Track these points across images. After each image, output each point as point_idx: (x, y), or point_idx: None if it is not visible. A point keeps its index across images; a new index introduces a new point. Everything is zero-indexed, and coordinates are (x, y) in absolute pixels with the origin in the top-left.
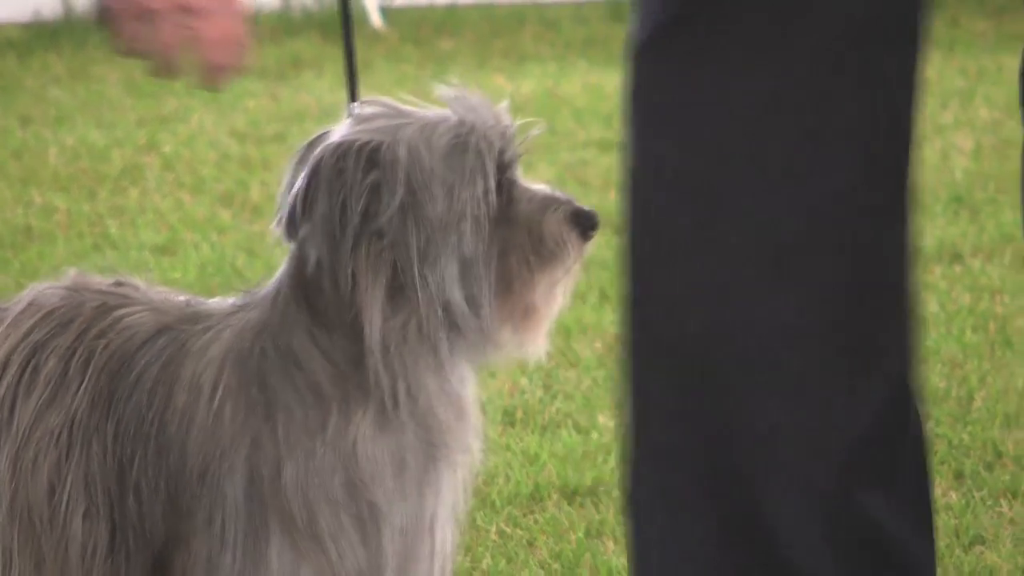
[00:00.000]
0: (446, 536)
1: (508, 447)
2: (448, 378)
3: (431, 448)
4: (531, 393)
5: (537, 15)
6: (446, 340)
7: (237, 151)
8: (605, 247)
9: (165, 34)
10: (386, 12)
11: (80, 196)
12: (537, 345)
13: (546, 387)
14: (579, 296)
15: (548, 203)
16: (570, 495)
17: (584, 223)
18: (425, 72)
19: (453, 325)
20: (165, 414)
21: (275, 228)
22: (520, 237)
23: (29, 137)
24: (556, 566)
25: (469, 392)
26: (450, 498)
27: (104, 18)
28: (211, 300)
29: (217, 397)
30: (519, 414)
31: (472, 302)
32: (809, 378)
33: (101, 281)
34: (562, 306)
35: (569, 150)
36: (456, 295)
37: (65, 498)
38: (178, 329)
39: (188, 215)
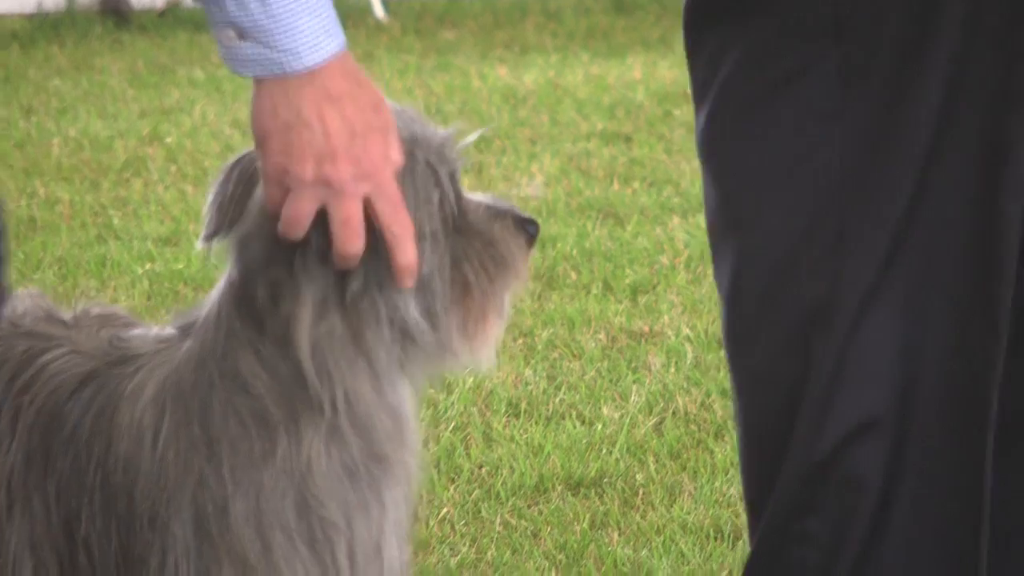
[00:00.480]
0: (393, 554)
1: (512, 438)
2: (385, 389)
3: (373, 460)
4: (535, 384)
5: (539, 6)
6: (386, 351)
7: (240, 142)
8: (608, 239)
9: (302, 205)
10: (388, 3)
11: (83, 187)
12: (488, 354)
13: (550, 378)
14: (583, 288)
15: (495, 212)
16: (574, 486)
17: (529, 230)
18: (428, 63)
19: (404, 338)
20: (107, 464)
21: (199, 243)
22: (474, 247)
23: (32, 128)
24: (561, 557)
25: (409, 406)
26: (394, 514)
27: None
28: (135, 332)
29: (161, 440)
30: (523, 405)
31: (429, 316)
32: None
33: (34, 311)
34: (507, 315)
35: (571, 141)
36: (412, 312)
37: (11, 560)
38: (106, 374)
39: (191, 206)
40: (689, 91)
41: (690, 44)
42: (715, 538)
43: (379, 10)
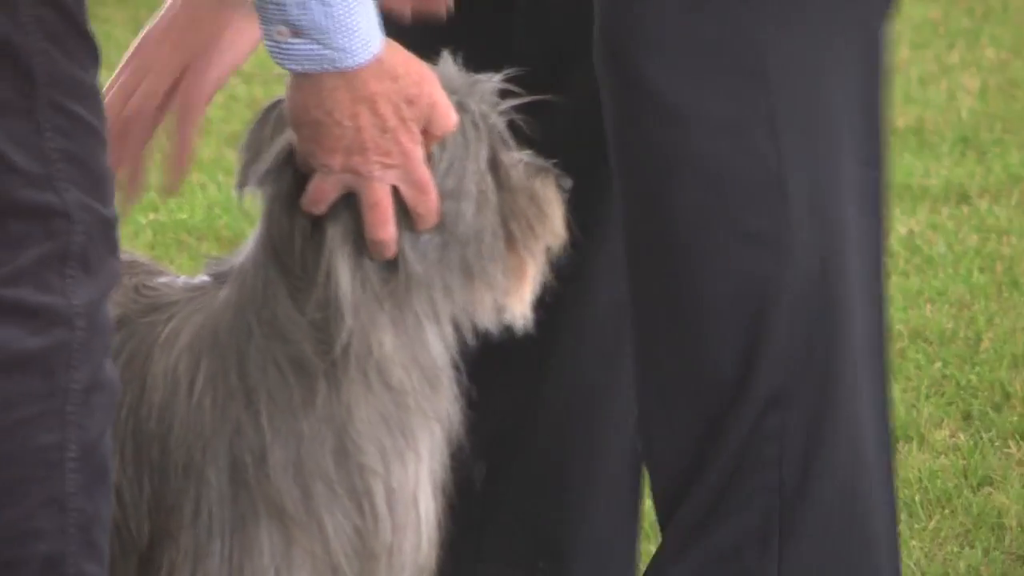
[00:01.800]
0: (429, 505)
1: None
2: (415, 341)
3: (409, 411)
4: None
5: None
6: (419, 303)
7: (244, 92)
8: None
9: (326, 188)
10: None
11: None
12: (523, 308)
13: None
14: None
15: (534, 168)
16: None
17: (564, 187)
18: None
19: (439, 290)
20: (140, 411)
21: (234, 190)
22: (519, 203)
23: None
24: None
25: (444, 358)
26: (430, 464)
27: None
28: (162, 280)
29: (197, 388)
30: None
31: (474, 270)
32: None
33: None
34: (545, 270)
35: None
36: (455, 266)
37: None
38: (135, 322)
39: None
40: None
41: None
42: None
43: None
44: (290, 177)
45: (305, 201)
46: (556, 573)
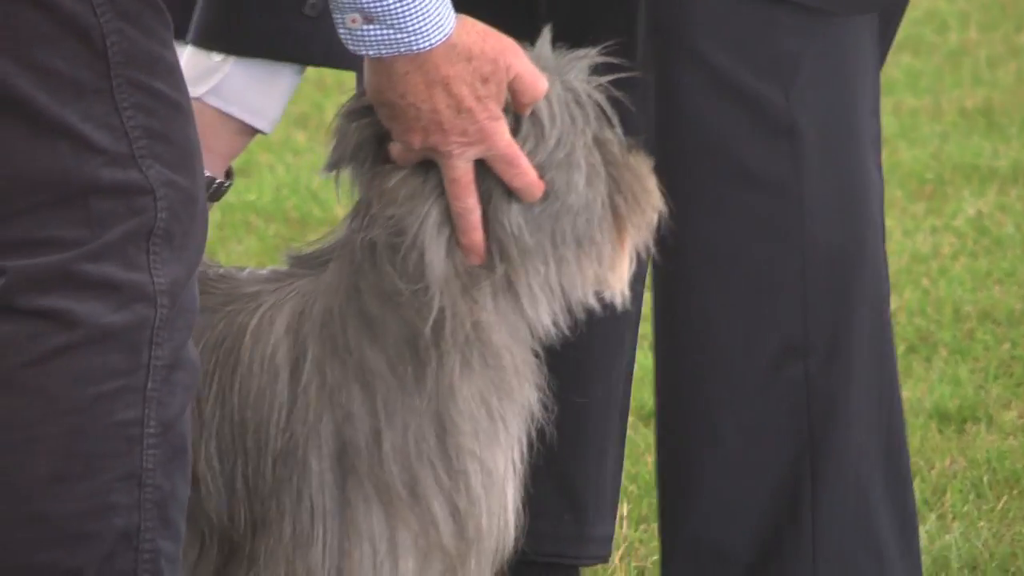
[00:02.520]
0: (514, 492)
1: None
2: (516, 323)
3: (502, 393)
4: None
5: None
6: (520, 284)
7: (312, 73)
8: None
9: (409, 159)
10: None
11: None
12: (622, 285)
13: None
14: None
15: (629, 144)
16: (645, 417)
17: (653, 163)
18: None
19: (539, 267)
20: (231, 400)
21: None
22: (625, 178)
23: None
24: (632, 488)
25: (533, 343)
26: (518, 450)
27: None
28: (220, 271)
29: (303, 374)
30: None
31: (583, 244)
32: None
33: None
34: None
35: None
36: (565, 238)
37: None
38: (217, 310)
39: (263, 137)
40: None
41: None
42: None
43: None
44: (377, 151)
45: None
46: (579, 523)
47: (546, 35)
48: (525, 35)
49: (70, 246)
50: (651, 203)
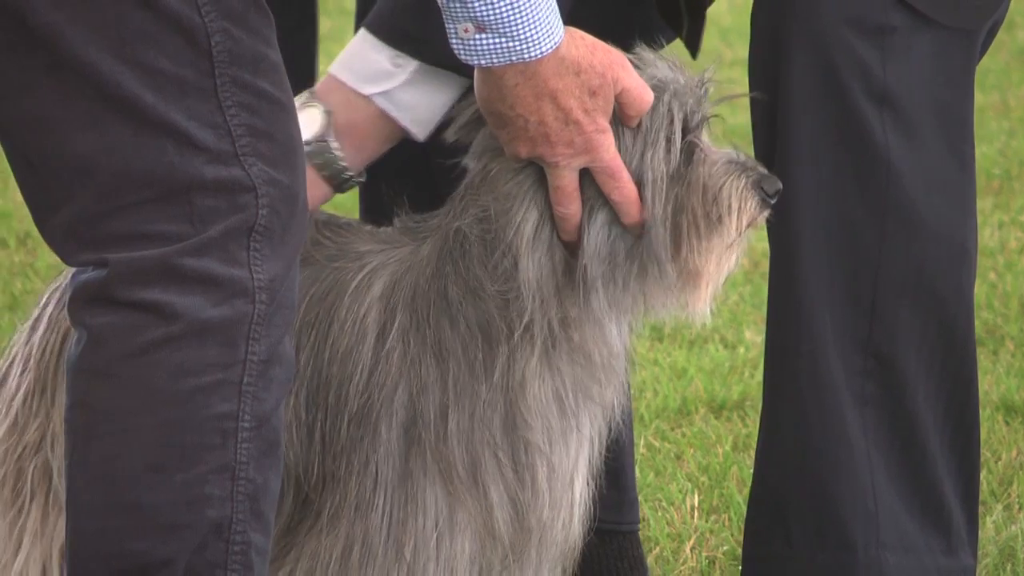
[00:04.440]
0: (583, 488)
1: (656, 362)
2: (603, 323)
3: (581, 391)
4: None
5: None
6: (603, 286)
7: None
8: None
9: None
10: None
11: None
12: (701, 307)
13: None
14: None
15: (734, 167)
16: (717, 409)
17: (766, 189)
18: None
19: (621, 276)
20: (322, 354)
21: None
22: (694, 199)
23: None
24: (703, 479)
25: (620, 345)
26: (589, 449)
27: None
28: (341, 223)
29: (388, 340)
30: (667, 330)
31: (650, 259)
32: None
33: None
34: (732, 271)
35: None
36: (643, 254)
37: None
38: (323, 265)
39: None
40: None
41: None
42: None
43: None
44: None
45: None
46: (618, 499)
47: (650, 51)
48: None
49: (172, 240)
50: (721, 232)
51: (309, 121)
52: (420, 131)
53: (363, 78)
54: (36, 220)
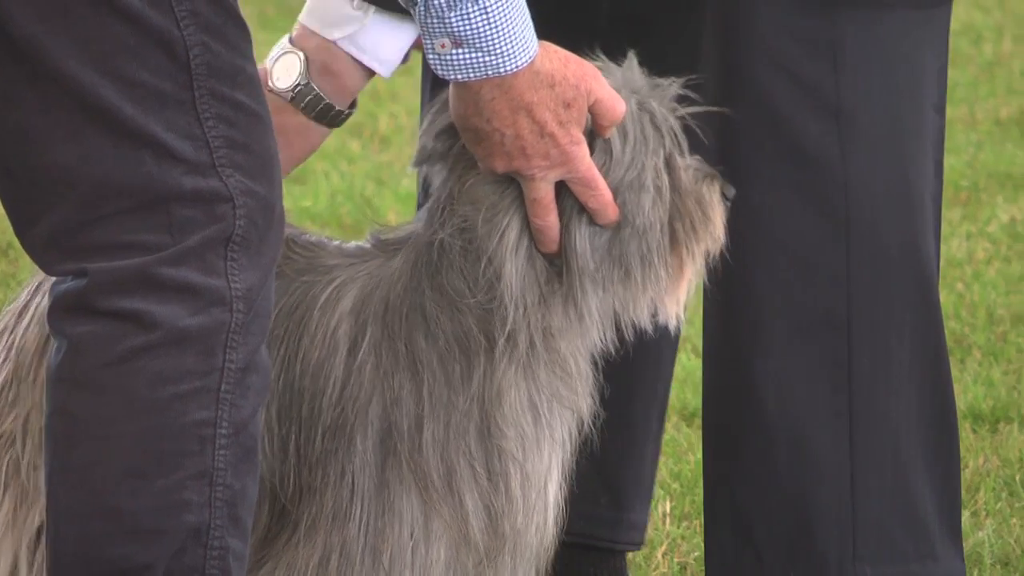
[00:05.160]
0: (557, 492)
1: None
2: (586, 332)
3: (556, 399)
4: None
5: None
6: (585, 294)
7: (373, 85)
8: None
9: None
10: None
11: None
12: (677, 310)
13: None
14: None
15: (703, 173)
16: (688, 417)
17: (727, 195)
18: None
19: (604, 283)
20: (294, 368)
21: (410, 166)
22: (687, 205)
23: None
24: (675, 486)
25: (594, 351)
26: (562, 453)
27: None
28: (311, 239)
29: (360, 352)
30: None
31: (642, 265)
32: None
33: None
34: (701, 275)
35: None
36: (626, 259)
37: None
38: (292, 279)
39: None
40: None
41: None
42: None
43: None
44: (462, 155)
45: None
46: (616, 508)
47: (632, 58)
48: (583, 41)
49: (151, 250)
50: (710, 233)
51: (289, 67)
52: (385, 69)
53: (328, 24)
54: (16, 231)
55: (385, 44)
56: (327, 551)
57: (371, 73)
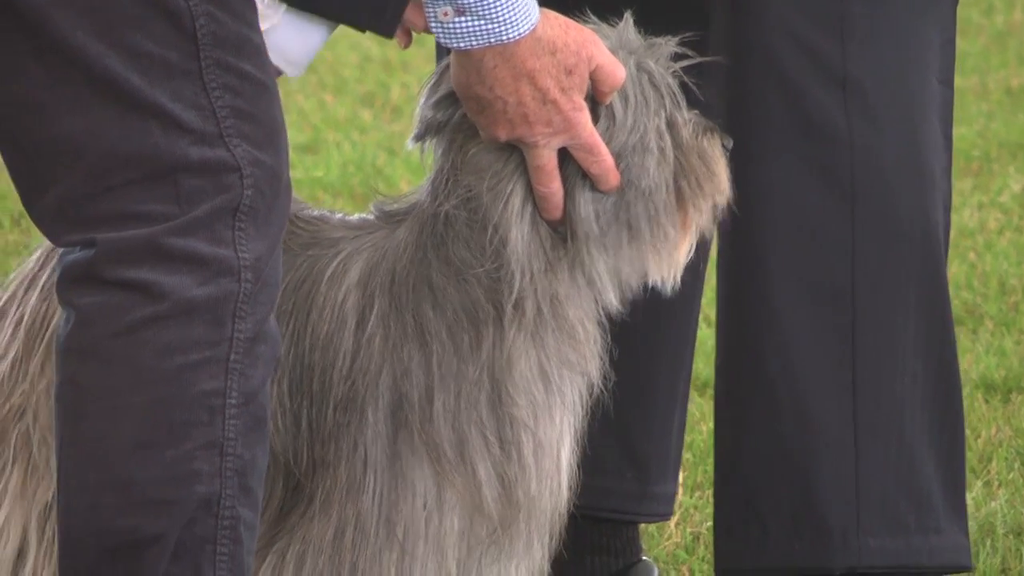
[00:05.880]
0: (569, 456)
1: None
2: (593, 297)
3: (566, 365)
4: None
5: None
6: (595, 259)
7: (378, 53)
8: None
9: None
10: None
11: None
12: (679, 269)
13: None
14: None
15: (702, 127)
16: (701, 387)
17: (726, 146)
18: None
19: (610, 246)
20: (303, 342)
21: (409, 142)
22: (691, 162)
23: None
24: (688, 456)
25: (601, 315)
26: (573, 418)
27: None
28: (315, 214)
29: (368, 325)
30: None
31: (649, 226)
32: None
33: None
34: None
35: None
36: (634, 220)
37: None
38: (298, 254)
39: (330, 115)
40: None
41: None
42: None
43: None
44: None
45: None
46: (641, 481)
47: (628, 19)
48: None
49: (159, 221)
50: (716, 188)
51: None
52: (293, 70)
53: None
54: (24, 202)
55: (294, 45)
56: (342, 524)
57: (278, 72)
